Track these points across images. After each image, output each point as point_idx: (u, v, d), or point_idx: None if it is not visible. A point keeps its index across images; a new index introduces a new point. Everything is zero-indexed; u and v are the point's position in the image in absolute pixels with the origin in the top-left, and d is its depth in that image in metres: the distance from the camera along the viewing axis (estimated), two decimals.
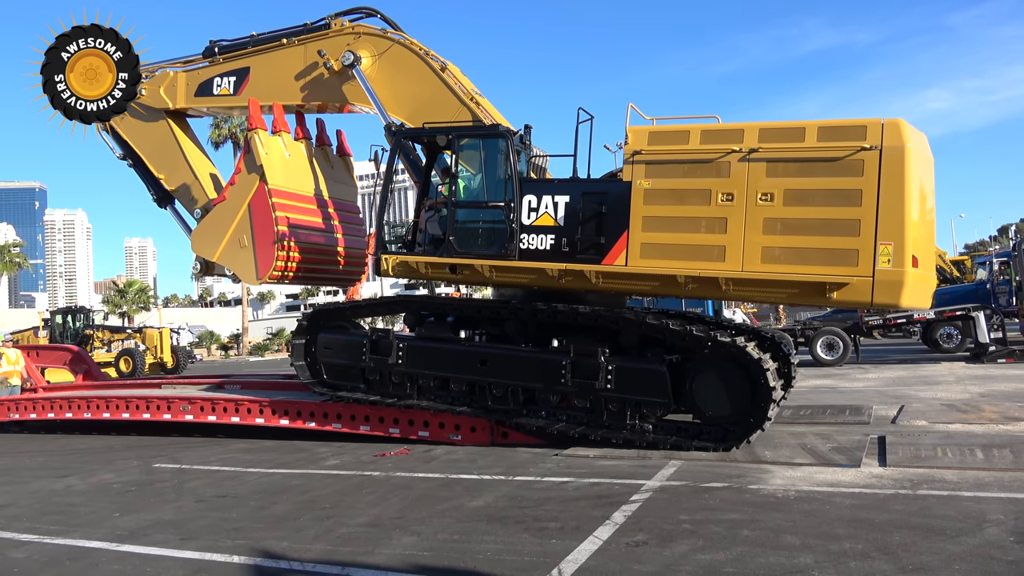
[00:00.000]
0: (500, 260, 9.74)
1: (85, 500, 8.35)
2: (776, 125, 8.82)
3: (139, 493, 8.55)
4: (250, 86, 12.46)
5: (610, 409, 9.32)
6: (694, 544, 5.60)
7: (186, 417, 12.30)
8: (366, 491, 7.94)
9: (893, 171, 8.15)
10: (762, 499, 6.82)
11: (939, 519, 5.91)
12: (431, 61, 11.37)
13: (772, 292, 8.90)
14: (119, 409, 12.96)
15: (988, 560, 4.96)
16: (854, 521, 5.97)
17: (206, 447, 11.53)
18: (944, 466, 7.68)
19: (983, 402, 12.08)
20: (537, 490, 7.59)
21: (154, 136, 13.22)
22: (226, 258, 12.23)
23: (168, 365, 32.55)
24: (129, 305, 62.23)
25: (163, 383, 15.23)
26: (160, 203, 13.65)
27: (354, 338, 11.23)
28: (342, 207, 12.99)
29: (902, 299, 8.28)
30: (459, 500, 7.32)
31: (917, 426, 10.01)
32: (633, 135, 9.17)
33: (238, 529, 6.71)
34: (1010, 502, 6.30)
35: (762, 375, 8.58)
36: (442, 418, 10.48)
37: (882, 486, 7.05)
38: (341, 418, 11.16)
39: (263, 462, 10.03)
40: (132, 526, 7.01)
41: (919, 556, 5.10)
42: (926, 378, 16.57)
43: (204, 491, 8.44)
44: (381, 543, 6.04)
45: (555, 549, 5.63)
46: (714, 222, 8.74)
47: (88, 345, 31.46)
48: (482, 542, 5.93)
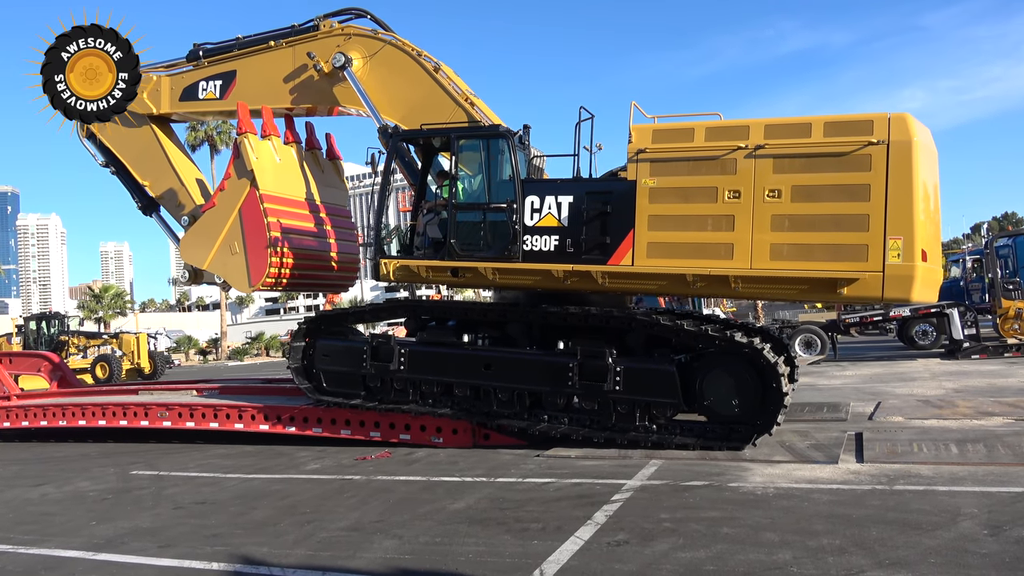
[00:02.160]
0: (503, 262, 9.57)
1: (61, 509, 8.23)
2: (782, 121, 8.74)
3: (116, 501, 8.44)
4: (237, 90, 12.26)
5: (619, 411, 9.22)
6: (675, 543, 5.63)
7: (164, 423, 12.15)
8: (347, 495, 7.90)
9: (901, 165, 8.07)
10: (742, 496, 6.87)
11: (915, 514, 6.00)
12: (424, 62, 11.19)
13: (782, 289, 8.81)
14: (95, 416, 12.78)
15: (963, 553, 5.04)
16: (832, 517, 6.03)
17: (184, 453, 11.40)
18: (920, 461, 7.79)
19: (957, 398, 12.27)
20: (519, 491, 7.59)
21: (138, 142, 13.01)
22: (217, 265, 12.04)
23: (146, 371, 32.18)
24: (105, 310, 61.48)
25: (140, 389, 15.03)
26: (145, 211, 13.46)
27: (354, 344, 11.02)
28: (333, 212, 12.83)
29: (913, 293, 8.21)
30: (441, 502, 7.30)
31: (893, 422, 10.14)
32: (637, 133, 9.01)
33: (217, 536, 6.65)
34: (984, 496, 6.40)
35: (776, 380, 8.51)
36: (423, 420, 10.44)
37: (859, 482, 7.14)
38: (322, 422, 11.09)
39: (243, 467, 9.94)
40: (109, 534, 6.91)
41: (896, 550, 5.17)
42: (902, 375, 16.79)
43: (182, 498, 8.35)
44: (362, 547, 6.01)
45: (537, 550, 5.64)
46: (721, 219, 8.61)
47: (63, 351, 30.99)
48: (464, 544, 5.92)
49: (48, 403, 13.58)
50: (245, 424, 11.58)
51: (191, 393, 13.52)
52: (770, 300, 20.36)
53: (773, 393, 8.56)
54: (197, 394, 13.38)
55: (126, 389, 15.80)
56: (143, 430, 12.40)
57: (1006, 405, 10.91)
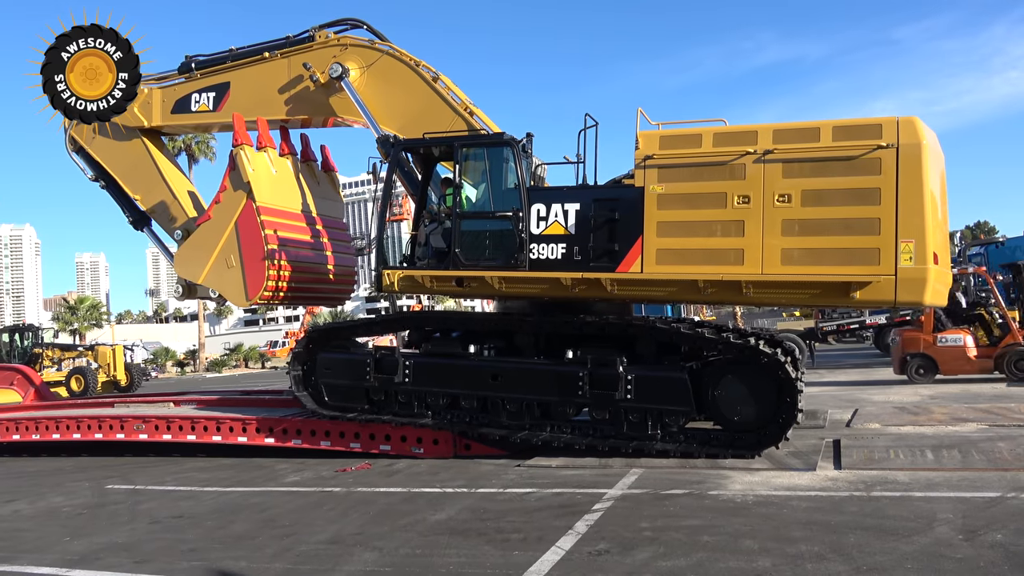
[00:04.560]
0: (510, 271, 9.46)
1: (33, 525, 8.07)
2: (790, 126, 8.73)
3: (91, 516, 8.31)
4: (231, 101, 12.10)
5: (630, 420, 9.16)
6: (655, 551, 5.64)
7: (140, 436, 11.98)
8: (326, 507, 7.84)
9: (911, 168, 8.07)
10: (721, 504, 6.91)
11: (892, 519, 6.06)
12: (422, 72, 11.09)
13: (794, 294, 8.80)
14: (70, 429, 12.57)
15: (938, 558, 5.10)
16: (810, 524, 6.08)
17: (161, 467, 11.25)
18: (896, 467, 7.89)
19: (932, 404, 12.44)
20: (500, 501, 7.58)
21: (128, 156, 12.83)
22: (212, 279, 11.85)
23: (122, 383, 31.68)
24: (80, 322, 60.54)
25: (116, 402, 14.82)
26: (136, 225, 13.28)
27: (357, 357, 10.86)
28: (330, 224, 12.71)
29: (925, 296, 8.20)
30: (421, 514, 7.27)
31: (870, 429, 10.24)
32: (644, 140, 8.98)
33: (194, 550, 6.56)
34: (959, 501, 6.49)
35: (792, 394, 8.51)
36: (404, 431, 10.38)
37: (837, 488, 7.21)
38: (301, 433, 10.99)
39: (220, 480, 9.83)
40: (83, 550, 6.79)
41: (873, 556, 5.22)
42: (878, 381, 17.02)
43: (159, 512, 8.23)
44: (342, 560, 5.96)
45: (518, 560, 5.63)
46: (731, 225, 8.56)
47: (37, 364, 30.49)
48: (444, 556, 5.90)
49: (21, 416, 13.33)
50: (223, 436, 11.45)
51: (168, 405, 13.35)
52: (782, 305, 20.41)
53: (788, 407, 8.52)
54: (174, 406, 13.22)
55: (102, 402, 15.58)
56: (119, 443, 12.21)
57: (980, 411, 11.08)
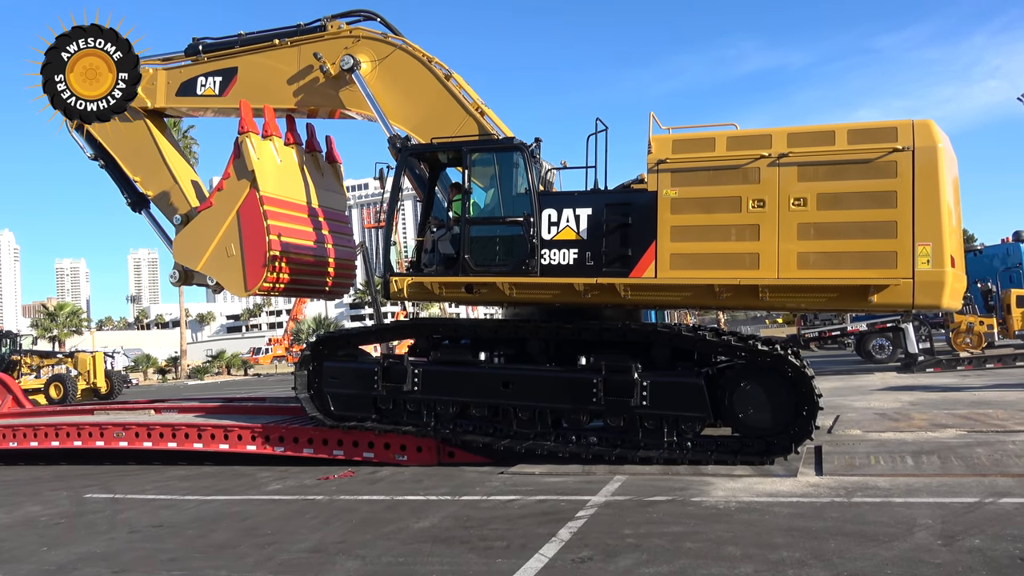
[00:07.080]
0: (521, 277, 9.34)
1: (10, 535, 7.95)
2: (804, 129, 8.73)
3: (69, 525, 8.19)
4: (238, 87, 11.88)
5: (646, 427, 9.08)
6: (638, 558, 5.65)
7: (120, 444, 11.84)
8: (309, 516, 7.78)
9: (927, 171, 8.05)
10: (704, 511, 6.94)
11: (872, 525, 6.12)
12: (435, 69, 10.91)
13: (812, 298, 8.72)
14: (48, 437, 12.41)
15: (918, 564, 5.15)
16: (792, 530, 6.12)
17: (141, 475, 11.13)
18: (877, 473, 7.96)
19: (913, 410, 12.56)
20: (483, 509, 7.56)
21: (131, 137, 12.54)
22: (211, 267, 11.61)
23: (102, 391, 31.35)
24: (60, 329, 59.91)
25: (96, 409, 14.64)
26: (134, 207, 13.01)
27: (364, 366, 10.64)
28: (332, 216, 12.54)
29: (943, 300, 8.12)
30: (404, 522, 7.24)
31: (851, 435, 10.33)
32: (657, 144, 8.93)
33: (174, 560, 6.49)
34: (938, 506, 6.56)
35: (812, 405, 8.49)
36: (387, 439, 10.34)
37: (818, 494, 7.26)
38: (284, 440, 10.92)
39: (202, 489, 9.73)
40: (61, 560, 6.70)
41: (854, 562, 5.26)
42: (860, 388, 17.13)
43: (138, 521, 8.14)
44: (324, 568, 5.92)
45: (501, 568, 5.62)
46: (745, 229, 8.50)
47: (15, 371, 30.10)
48: (427, 564, 5.87)
49: None
50: (204, 444, 11.34)
51: (149, 412, 13.21)
52: (799, 311, 20.44)
53: (803, 421, 8.53)
54: (155, 413, 13.08)
55: (81, 409, 15.37)
56: (98, 451, 12.07)
57: (959, 417, 11.21)
